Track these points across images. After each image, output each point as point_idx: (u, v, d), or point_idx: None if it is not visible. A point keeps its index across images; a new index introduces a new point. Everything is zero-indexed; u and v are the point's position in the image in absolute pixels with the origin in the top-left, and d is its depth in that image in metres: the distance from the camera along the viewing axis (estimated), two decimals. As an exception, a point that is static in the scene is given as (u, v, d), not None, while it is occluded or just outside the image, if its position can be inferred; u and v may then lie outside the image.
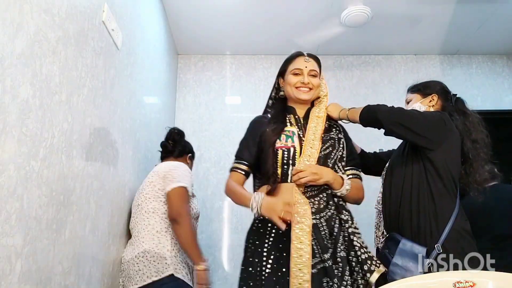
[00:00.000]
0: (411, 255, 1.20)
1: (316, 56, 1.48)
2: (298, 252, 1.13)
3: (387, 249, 1.28)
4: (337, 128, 1.45)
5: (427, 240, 1.22)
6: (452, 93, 1.56)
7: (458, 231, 1.24)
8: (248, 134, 1.43)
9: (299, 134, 1.35)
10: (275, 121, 1.40)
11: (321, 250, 1.15)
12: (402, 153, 1.40)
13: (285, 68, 1.45)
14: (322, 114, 1.41)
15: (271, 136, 1.33)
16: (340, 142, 1.38)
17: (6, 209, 0.81)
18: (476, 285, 0.82)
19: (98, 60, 1.35)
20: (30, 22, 0.90)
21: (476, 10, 2.73)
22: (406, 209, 1.30)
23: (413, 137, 1.27)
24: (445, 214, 1.25)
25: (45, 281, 0.97)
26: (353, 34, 2.93)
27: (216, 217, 2.84)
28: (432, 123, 1.29)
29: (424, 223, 1.25)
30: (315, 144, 1.31)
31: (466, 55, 3.38)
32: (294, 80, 1.39)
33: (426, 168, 1.29)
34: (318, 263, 1.14)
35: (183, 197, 1.51)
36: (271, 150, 1.30)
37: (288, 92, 1.43)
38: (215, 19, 2.75)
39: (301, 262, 1.11)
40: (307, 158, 1.27)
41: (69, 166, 1.11)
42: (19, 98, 0.86)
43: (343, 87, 3.25)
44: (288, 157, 1.29)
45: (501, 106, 3.23)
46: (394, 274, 1.20)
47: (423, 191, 1.28)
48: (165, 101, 2.72)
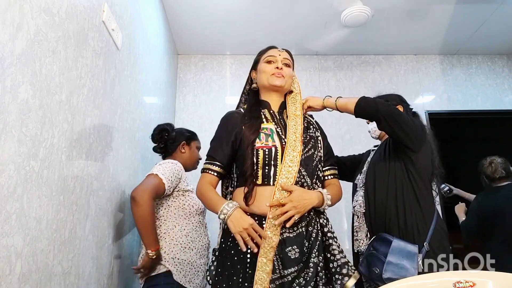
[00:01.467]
0: (405, 253, 1.23)
1: (289, 51, 1.44)
2: (262, 267, 1.11)
3: (375, 250, 1.30)
4: (314, 125, 1.40)
5: (415, 239, 1.27)
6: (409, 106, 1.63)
7: (439, 230, 1.31)
8: (221, 132, 1.34)
9: (277, 131, 1.29)
10: (249, 116, 1.33)
11: (282, 266, 1.11)
12: (383, 156, 1.44)
13: (258, 59, 1.42)
14: (299, 112, 1.36)
15: (249, 135, 1.26)
16: (318, 141, 1.35)
17: (6, 209, 0.81)
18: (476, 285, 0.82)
19: (98, 60, 1.35)
20: (30, 22, 0.90)
21: (476, 10, 2.73)
22: (392, 210, 1.33)
23: (403, 134, 1.30)
24: (429, 214, 1.32)
25: (45, 281, 0.97)
26: (353, 34, 2.93)
27: (216, 217, 2.83)
28: (417, 127, 1.36)
29: (411, 222, 1.30)
30: (296, 146, 1.24)
31: (466, 55, 3.39)
32: (268, 68, 1.35)
33: (408, 169, 1.36)
34: (277, 279, 1.10)
35: (151, 183, 1.46)
36: (250, 150, 1.23)
37: (262, 80, 1.37)
38: (215, 19, 2.75)
39: (262, 278, 1.09)
40: (289, 163, 1.21)
41: (69, 166, 1.11)
42: (19, 98, 0.86)
43: (343, 87, 3.25)
44: (269, 157, 1.22)
45: (501, 106, 3.23)
46: (390, 273, 1.21)
47: (407, 192, 1.34)
48: (165, 101, 2.72)
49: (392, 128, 1.29)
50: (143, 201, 1.40)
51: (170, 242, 1.50)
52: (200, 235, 1.58)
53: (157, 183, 1.47)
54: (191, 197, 1.61)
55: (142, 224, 1.42)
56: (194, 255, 1.51)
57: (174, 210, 1.56)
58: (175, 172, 1.56)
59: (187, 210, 1.57)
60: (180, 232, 1.53)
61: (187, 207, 1.58)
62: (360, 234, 1.44)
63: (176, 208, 1.56)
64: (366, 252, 1.34)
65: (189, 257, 1.50)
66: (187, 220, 1.57)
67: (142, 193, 1.41)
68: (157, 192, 1.47)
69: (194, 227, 1.58)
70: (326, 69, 3.30)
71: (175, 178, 1.56)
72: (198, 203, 1.61)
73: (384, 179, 1.39)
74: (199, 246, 1.55)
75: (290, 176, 1.20)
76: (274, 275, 1.10)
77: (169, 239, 1.51)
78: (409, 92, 3.23)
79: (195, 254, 1.52)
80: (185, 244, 1.51)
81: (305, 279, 1.11)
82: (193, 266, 1.50)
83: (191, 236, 1.54)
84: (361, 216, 1.46)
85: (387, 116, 1.28)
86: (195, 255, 1.52)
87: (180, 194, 1.59)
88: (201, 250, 1.56)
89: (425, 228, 1.29)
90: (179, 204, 1.57)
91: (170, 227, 1.53)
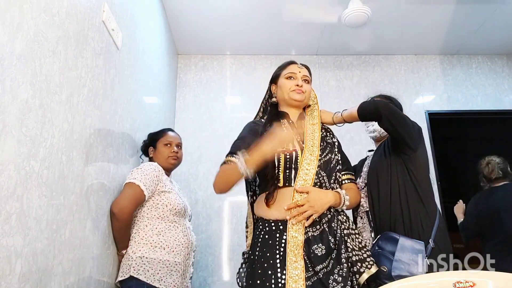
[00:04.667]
0: (412, 250, 1.25)
1: (308, 67, 1.51)
2: (292, 264, 1.15)
3: (380, 249, 1.30)
4: (330, 132, 1.48)
5: (420, 236, 1.29)
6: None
7: (442, 229, 1.34)
8: (244, 133, 1.40)
9: (296, 138, 1.36)
10: (270, 125, 1.39)
11: (312, 264, 1.16)
12: (384, 156, 1.47)
13: (278, 74, 1.48)
14: (316, 121, 1.44)
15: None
16: (335, 146, 1.42)
17: (6, 209, 0.81)
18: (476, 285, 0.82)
19: (98, 60, 1.35)
20: (30, 22, 0.90)
21: (476, 10, 2.73)
22: (397, 208, 1.36)
23: (403, 132, 1.34)
24: (433, 212, 1.35)
25: (45, 281, 0.97)
26: (353, 34, 2.93)
27: (216, 217, 2.84)
28: (415, 127, 1.41)
29: (415, 220, 1.32)
30: (314, 151, 1.31)
31: (466, 55, 3.39)
32: (288, 84, 1.42)
33: (409, 169, 1.39)
34: (312, 276, 1.15)
35: (131, 196, 1.49)
36: (273, 154, 1.26)
37: (282, 95, 1.43)
38: (215, 19, 2.75)
39: (296, 275, 1.14)
40: (307, 166, 1.28)
41: (69, 166, 1.11)
42: (18, 98, 0.86)
43: (343, 87, 3.25)
44: (290, 161, 1.29)
45: (501, 106, 3.23)
46: (399, 270, 1.22)
47: (410, 191, 1.36)
48: (165, 101, 2.72)
49: (394, 126, 1.32)
50: (123, 218, 1.46)
51: (139, 242, 1.51)
52: (175, 234, 1.57)
53: (137, 195, 1.51)
54: (167, 197, 1.61)
55: (118, 233, 1.50)
56: (166, 254, 1.51)
57: (147, 210, 1.57)
58: (153, 176, 1.58)
59: (160, 210, 1.57)
60: (151, 231, 1.53)
61: (161, 206, 1.58)
62: (366, 234, 1.45)
63: (149, 208, 1.57)
64: (371, 252, 1.34)
65: (159, 255, 1.50)
66: (161, 219, 1.57)
67: (123, 209, 1.46)
68: (137, 203, 1.52)
69: (168, 226, 1.57)
70: (326, 69, 3.30)
71: (154, 183, 1.58)
72: (173, 203, 1.60)
73: (386, 178, 1.41)
74: (173, 245, 1.54)
75: (308, 178, 1.26)
76: (307, 273, 1.15)
77: (138, 238, 1.52)
78: (409, 92, 3.24)
79: (167, 253, 1.51)
80: (156, 243, 1.51)
81: (340, 275, 1.15)
82: (164, 265, 1.49)
83: (163, 235, 1.54)
84: (364, 216, 1.48)
85: (388, 113, 1.30)
86: (167, 254, 1.51)
87: (156, 194, 1.59)
88: (176, 249, 1.55)
89: (429, 226, 1.31)
90: (153, 204, 1.58)
91: (141, 227, 1.55)
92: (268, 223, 1.26)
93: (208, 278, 2.69)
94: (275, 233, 1.23)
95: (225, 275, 2.71)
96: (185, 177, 2.89)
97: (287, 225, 1.21)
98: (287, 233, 1.20)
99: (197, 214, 2.79)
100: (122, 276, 1.46)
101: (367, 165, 1.57)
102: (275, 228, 1.24)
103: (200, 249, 2.70)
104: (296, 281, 1.12)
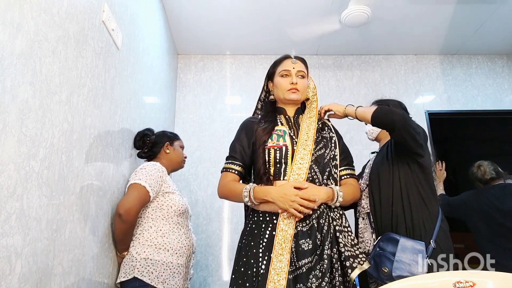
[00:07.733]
0: (413, 250, 1.25)
1: (303, 58, 1.50)
2: (278, 257, 1.17)
3: (381, 250, 1.30)
4: (328, 127, 1.46)
5: (422, 237, 1.30)
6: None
7: (444, 229, 1.34)
8: (240, 135, 1.43)
9: (290, 133, 1.36)
10: (265, 120, 1.41)
11: (296, 258, 1.18)
12: (386, 158, 1.47)
13: (273, 71, 1.48)
14: (313, 114, 1.43)
15: (262, 135, 1.34)
16: (332, 141, 1.40)
17: (6, 209, 0.81)
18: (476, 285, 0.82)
19: (98, 60, 1.35)
20: (30, 22, 0.90)
21: (476, 10, 2.73)
22: (399, 208, 1.36)
23: (414, 144, 1.34)
24: (435, 213, 1.36)
25: (45, 282, 0.97)
26: (353, 34, 2.93)
27: (216, 217, 2.84)
28: (423, 134, 1.42)
29: (418, 221, 1.32)
30: (308, 145, 1.31)
31: (466, 55, 3.39)
32: (283, 83, 1.42)
33: (413, 171, 1.39)
34: (294, 271, 1.17)
35: (137, 197, 1.47)
36: (262, 149, 1.32)
37: (278, 94, 1.45)
38: (215, 19, 2.75)
39: (279, 267, 1.15)
40: (300, 161, 1.28)
41: (69, 166, 1.11)
42: (18, 98, 0.86)
43: (343, 87, 3.25)
44: (280, 156, 1.30)
45: (501, 106, 3.23)
46: (400, 271, 1.23)
47: (412, 192, 1.36)
48: (165, 101, 2.72)
49: (405, 139, 1.32)
50: (129, 219, 1.44)
51: (143, 243, 1.49)
52: (179, 236, 1.56)
53: (143, 196, 1.49)
54: (171, 198, 1.60)
55: (122, 235, 1.48)
56: (169, 256, 1.50)
57: (151, 211, 1.56)
58: (158, 177, 1.57)
59: (165, 211, 1.56)
60: (155, 233, 1.52)
61: (165, 207, 1.57)
62: (367, 235, 1.46)
63: (153, 209, 1.56)
64: (372, 253, 1.35)
65: (163, 257, 1.49)
66: (165, 221, 1.56)
67: (129, 211, 1.43)
68: (143, 204, 1.50)
69: (172, 228, 1.56)
70: (326, 69, 3.30)
71: (159, 184, 1.57)
72: (177, 204, 1.60)
73: (388, 179, 1.41)
74: (177, 248, 1.53)
75: (301, 172, 1.26)
76: (291, 267, 1.16)
77: (143, 239, 1.50)
78: (409, 92, 3.24)
79: (171, 255, 1.50)
80: (160, 245, 1.50)
81: (321, 271, 1.16)
82: (168, 267, 1.48)
83: (167, 237, 1.53)
84: (365, 217, 1.48)
85: (402, 128, 1.29)
86: (170, 256, 1.50)
87: (160, 195, 1.58)
88: (179, 251, 1.54)
89: (431, 227, 1.31)
90: (157, 205, 1.57)
91: (146, 228, 1.53)
92: (257, 214, 1.30)
93: (208, 278, 2.69)
94: (261, 223, 1.27)
95: (225, 275, 2.71)
96: (185, 177, 2.89)
97: (279, 218, 1.22)
98: (277, 226, 1.21)
99: (197, 214, 2.79)
100: (125, 277, 1.44)
101: (369, 167, 1.57)
102: (262, 219, 1.28)
103: (200, 249, 2.70)
104: (278, 274, 1.14)
